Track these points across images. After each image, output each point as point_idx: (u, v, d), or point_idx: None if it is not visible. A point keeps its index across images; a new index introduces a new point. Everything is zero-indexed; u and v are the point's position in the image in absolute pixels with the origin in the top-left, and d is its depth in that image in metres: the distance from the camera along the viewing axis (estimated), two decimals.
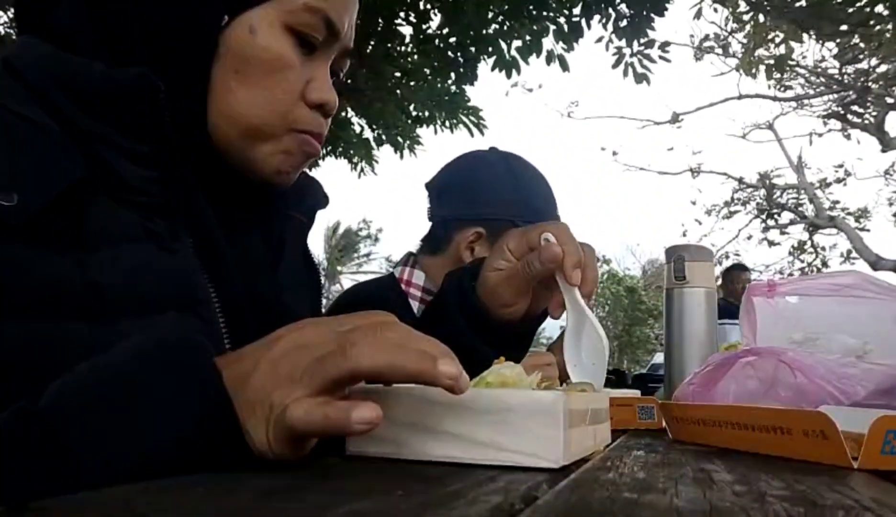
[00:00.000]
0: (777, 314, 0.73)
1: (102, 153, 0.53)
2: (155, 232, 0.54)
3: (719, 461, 0.48)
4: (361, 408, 0.38)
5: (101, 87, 0.53)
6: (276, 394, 0.40)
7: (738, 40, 10.15)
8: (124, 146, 0.53)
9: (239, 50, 0.57)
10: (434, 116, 5.08)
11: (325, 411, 0.38)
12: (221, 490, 0.31)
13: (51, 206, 0.48)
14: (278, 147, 0.60)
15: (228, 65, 0.57)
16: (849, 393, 0.54)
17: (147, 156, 0.54)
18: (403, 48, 4.48)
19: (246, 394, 0.41)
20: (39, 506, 0.26)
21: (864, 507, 0.31)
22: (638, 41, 4.18)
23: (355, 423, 0.38)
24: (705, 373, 0.67)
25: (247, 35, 0.57)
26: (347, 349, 0.39)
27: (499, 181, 1.21)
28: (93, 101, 0.53)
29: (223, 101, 0.57)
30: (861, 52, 9.27)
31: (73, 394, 0.40)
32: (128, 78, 0.53)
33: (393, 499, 0.30)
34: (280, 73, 0.58)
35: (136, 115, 0.53)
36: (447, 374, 0.39)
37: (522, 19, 4.11)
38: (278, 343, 0.42)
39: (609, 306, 23.10)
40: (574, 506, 0.30)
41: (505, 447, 0.41)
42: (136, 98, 0.53)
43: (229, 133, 0.58)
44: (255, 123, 0.58)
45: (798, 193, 13.70)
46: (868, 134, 11.61)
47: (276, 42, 0.58)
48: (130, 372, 0.40)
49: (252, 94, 0.58)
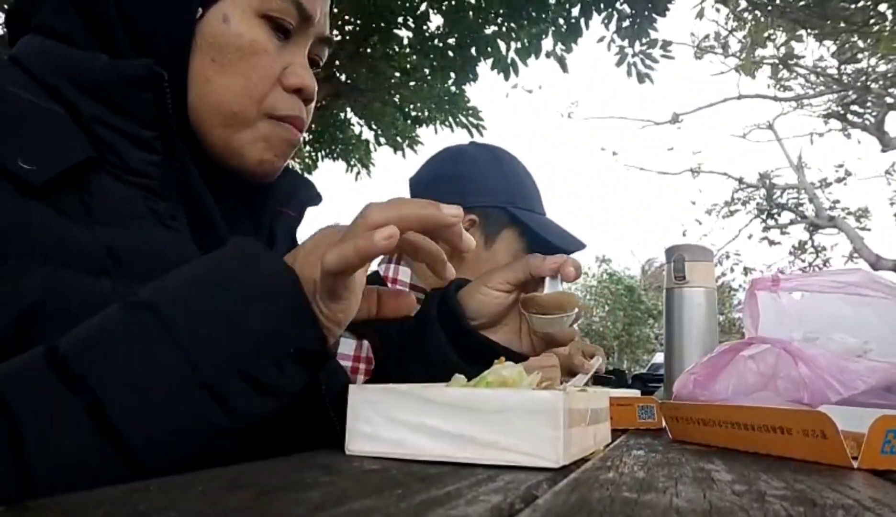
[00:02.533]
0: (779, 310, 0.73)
1: (106, 137, 0.56)
2: (156, 210, 0.57)
3: (719, 461, 0.48)
4: (381, 229, 0.44)
5: (108, 77, 0.55)
6: (315, 270, 0.47)
7: (738, 39, 10.15)
8: (127, 131, 0.56)
9: (214, 39, 0.59)
10: (433, 116, 5.09)
11: (352, 243, 0.44)
12: (221, 490, 0.31)
13: (61, 178, 0.51)
14: (257, 134, 0.62)
15: (205, 54, 0.59)
16: (848, 386, 0.54)
17: (148, 141, 0.57)
18: (403, 49, 4.49)
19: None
20: (39, 506, 0.26)
21: (864, 507, 0.31)
22: (640, 41, 4.19)
23: (379, 240, 0.44)
24: (707, 363, 0.67)
25: (220, 24, 0.59)
26: (359, 220, 0.46)
27: (485, 170, 1.22)
28: (99, 90, 0.56)
29: (202, 91, 0.59)
30: (861, 51, 9.26)
31: (173, 289, 0.45)
32: (134, 68, 0.55)
33: (392, 498, 0.30)
34: (255, 57, 0.60)
35: (140, 103, 0.56)
36: (452, 214, 0.47)
37: (521, 21, 4.11)
38: (303, 246, 0.50)
39: (609, 306, 23.10)
40: (574, 505, 0.30)
41: (505, 447, 0.41)
42: (142, 87, 0.55)
43: (210, 122, 0.60)
44: (233, 109, 0.60)
45: (798, 193, 13.71)
46: (868, 133, 11.61)
47: (250, 28, 0.59)
48: (221, 269, 0.46)
49: (229, 80, 0.59)
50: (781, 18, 6.11)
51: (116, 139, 0.56)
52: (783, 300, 0.74)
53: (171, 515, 0.25)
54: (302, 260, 0.48)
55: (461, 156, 1.26)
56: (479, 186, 1.19)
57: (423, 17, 4.34)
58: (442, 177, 1.24)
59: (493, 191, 1.19)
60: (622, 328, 22.61)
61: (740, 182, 14.16)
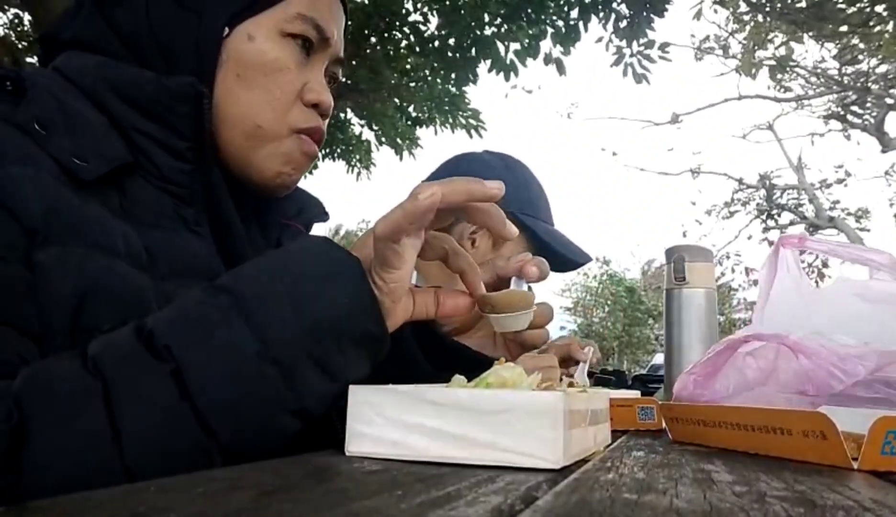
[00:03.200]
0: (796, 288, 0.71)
1: (142, 144, 0.60)
2: (184, 216, 0.61)
3: (719, 461, 0.48)
4: (424, 190, 0.47)
5: (154, 91, 0.59)
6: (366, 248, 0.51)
7: (738, 41, 10.16)
8: (163, 140, 0.60)
9: (239, 56, 0.63)
10: (434, 117, 5.09)
11: (400, 207, 0.48)
12: (221, 490, 0.31)
13: (104, 179, 0.55)
14: (279, 149, 0.65)
15: (230, 70, 0.63)
16: (851, 373, 0.54)
17: (182, 151, 0.60)
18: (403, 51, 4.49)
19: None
20: (39, 506, 0.26)
21: (864, 508, 0.31)
22: (637, 41, 4.19)
23: (422, 199, 0.47)
24: (705, 362, 0.67)
25: (246, 42, 0.63)
26: (414, 192, 0.48)
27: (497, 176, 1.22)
28: (143, 101, 0.60)
29: (226, 105, 0.63)
30: (861, 52, 9.27)
31: (248, 277, 0.48)
32: (179, 85, 0.59)
33: (392, 499, 0.30)
34: (278, 73, 0.64)
35: (180, 116, 0.60)
36: (495, 186, 0.51)
37: (520, 22, 4.11)
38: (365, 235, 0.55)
39: (609, 307, 23.10)
40: (574, 506, 0.30)
41: (505, 447, 0.41)
42: (185, 102, 0.59)
43: (233, 136, 0.64)
44: (257, 123, 0.64)
45: (798, 194, 13.71)
46: (868, 134, 11.61)
47: (273, 47, 0.64)
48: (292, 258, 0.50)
49: (253, 95, 0.63)
50: (780, 20, 6.11)
51: (152, 147, 0.60)
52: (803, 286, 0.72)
53: (170, 516, 0.25)
54: (360, 242, 0.53)
55: (474, 161, 1.28)
56: None
57: (423, 17, 4.35)
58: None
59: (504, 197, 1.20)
60: (622, 329, 22.59)
61: (740, 182, 14.17)
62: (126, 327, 0.46)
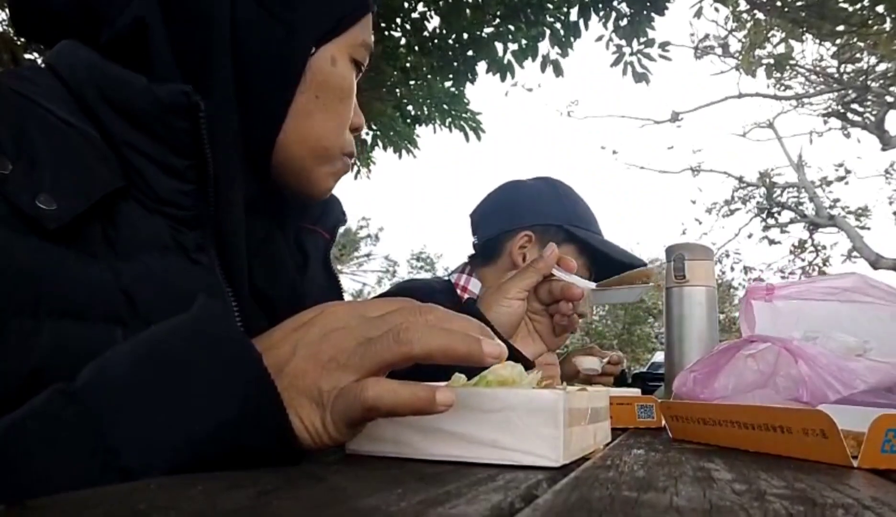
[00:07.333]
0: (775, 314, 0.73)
1: (135, 162, 0.55)
2: (182, 244, 0.56)
3: (719, 460, 0.48)
4: (444, 391, 0.39)
5: (142, 100, 0.54)
6: (324, 379, 0.40)
7: (738, 39, 10.15)
8: (158, 158, 0.55)
9: (321, 77, 0.63)
10: (432, 116, 5.09)
11: (412, 390, 0.39)
12: (221, 489, 0.31)
13: (87, 212, 0.49)
14: (333, 168, 0.67)
15: (311, 90, 0.62)
16: (848, 385, 0.54)
17: (180, 169, 0.55)
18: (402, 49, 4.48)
19: (286, 380, 0.40)
20: (39, 506, 0.26)
21: (864, 506, 0.31)
22: (638, 40, 4.18)
23: (440, 404, 0.39)
24: (707, 361, 0.67)
25: (329, 65, 0.63)
26: (401, 333, 0.40)
27: (542, 195, 1.32)
28: (132, 112, 0.54)
29: (301, 123, 0.63)
30: (860, 51, 9.27)
31: (110, 375, 0.38)
32: (172, 94, 0.53)
33: (392, 497, 0.30)
34: (350, 99, 0.66)
35: (175, 131, 0.54)
36: (492, 355, 0.41)
37: (518, 23, 4.10)
38: (311, 327, 0.42)
39: (609, 305, 23.09)
40: (574, 504, 0.30)
41: (505, 446, 0.41)
42: (179, 115, 0.54)
43: (300, 153, 0.64)
44: (325, 145, 0.65)
45: (798, 192, 13.70)
46: (868, 132, 11.61)
47: (349, 72, 0.65)
48: (169, 351, 0.39)
49: (327, 117, 0.64)
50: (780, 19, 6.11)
51: (146, 165, 0.55)
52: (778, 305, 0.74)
53: (170, 515, 0.25)
54: (305, 360, 0.41)
55: (519, 186, 1.36)
56: (535, 208, 1.29)
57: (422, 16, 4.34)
58: (500, 206, 1.33)
59: (550, 212, 1.29)
60: (622, 327, 22.59)
61: (740, 181, 14.15)
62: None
